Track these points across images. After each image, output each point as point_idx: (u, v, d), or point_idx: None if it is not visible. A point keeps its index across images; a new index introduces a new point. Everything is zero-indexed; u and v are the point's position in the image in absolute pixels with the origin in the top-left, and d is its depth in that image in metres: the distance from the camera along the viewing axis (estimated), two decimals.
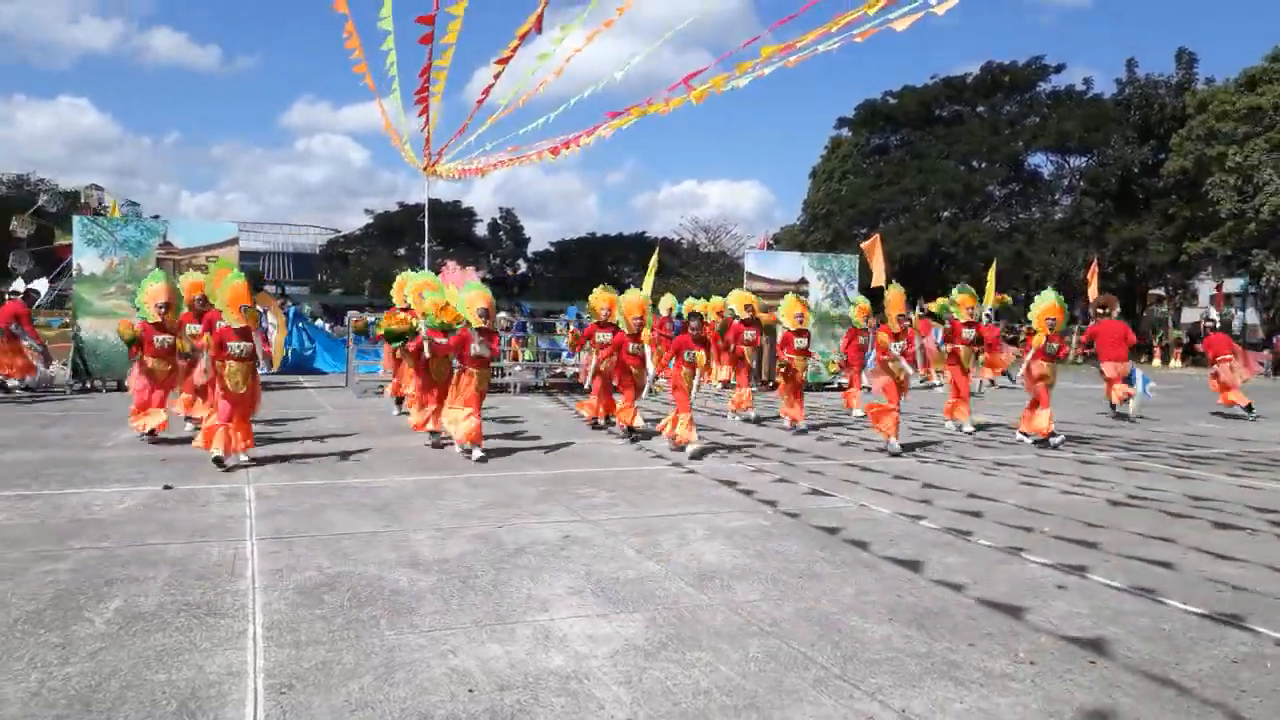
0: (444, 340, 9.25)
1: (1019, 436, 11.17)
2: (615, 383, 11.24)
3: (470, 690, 3.47)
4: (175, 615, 4.25)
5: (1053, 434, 10.74)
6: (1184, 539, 6.15)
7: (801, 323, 12.03)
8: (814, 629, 4.24)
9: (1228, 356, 14.95)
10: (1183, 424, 13.98)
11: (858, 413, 13.47)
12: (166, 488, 7.29)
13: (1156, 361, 37.71)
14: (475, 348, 9.04)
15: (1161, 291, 48.46)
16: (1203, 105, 36.99)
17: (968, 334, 12.48)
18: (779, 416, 12.46)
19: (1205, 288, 52.21)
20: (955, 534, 6.21)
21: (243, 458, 8.40)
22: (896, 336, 10.27)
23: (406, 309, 11.08)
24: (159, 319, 9.71)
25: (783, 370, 12.02)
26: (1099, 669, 3.80)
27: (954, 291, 13.14)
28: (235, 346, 8.26)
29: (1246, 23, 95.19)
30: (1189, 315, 50.52)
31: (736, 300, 14.80)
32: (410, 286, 11.01)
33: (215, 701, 3.34)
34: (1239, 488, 8.29)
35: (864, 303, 13.95)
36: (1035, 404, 10.96)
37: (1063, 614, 4.51)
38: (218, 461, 8.14)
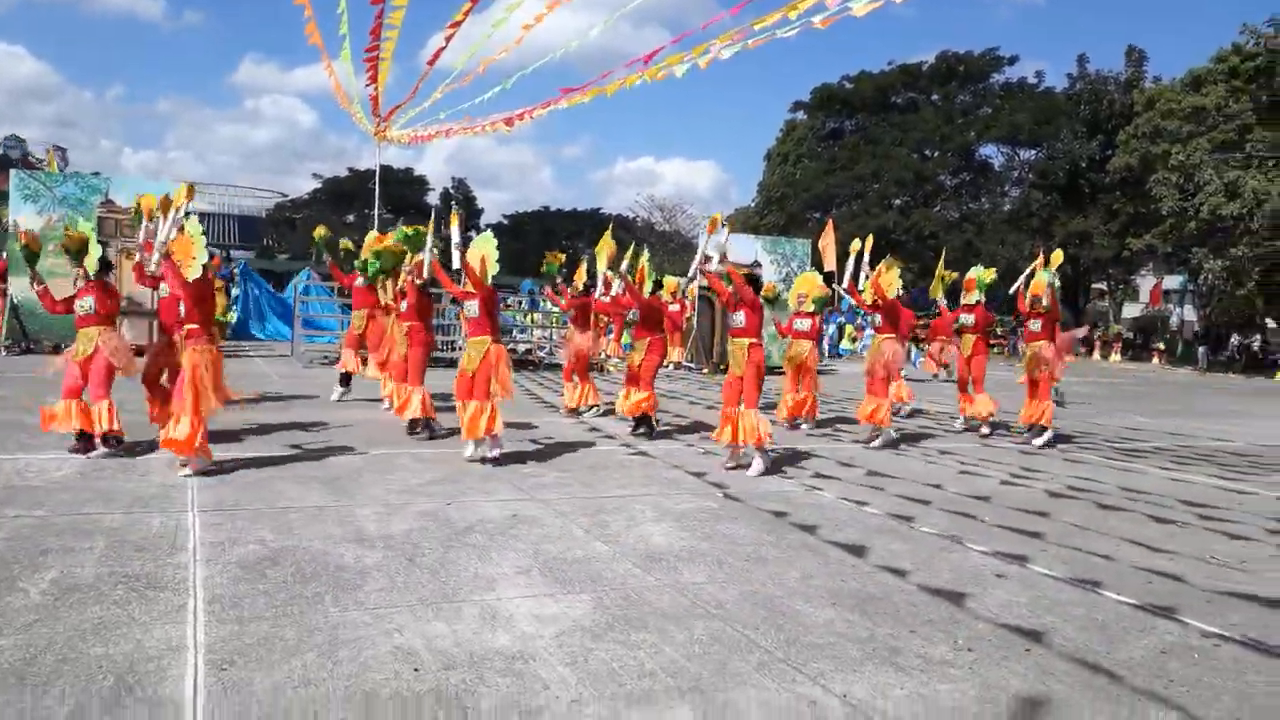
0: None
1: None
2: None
3: (415, 669, 3.45)
4: (113, 587, 4.17)
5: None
6: (1118, 530, 6.32)
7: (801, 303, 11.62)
8: (759, 612, 4.29)
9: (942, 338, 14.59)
10: (1121, 417, 14.35)
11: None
12: (106, 452, 7.11)
13: (1097, 355, 38.64)
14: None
15: (1104, 286, 49.54)
16: (1150, 103, 37.72)
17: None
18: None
19: (1146, 283, 53.51)
20: (899, 520, 6.32)
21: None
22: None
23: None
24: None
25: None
26: (1035, 657, 3.89)
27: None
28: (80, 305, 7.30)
29: (1194, 23, 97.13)
30: (1130, 310, 51.75)
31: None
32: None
33: (154, 676, 3.28)
34: (1171, 481, 8.53)
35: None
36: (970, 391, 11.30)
37: (1002, 602, 4.61)
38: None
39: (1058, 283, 10.86)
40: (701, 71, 9.86)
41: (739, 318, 7.88)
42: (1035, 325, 10.48)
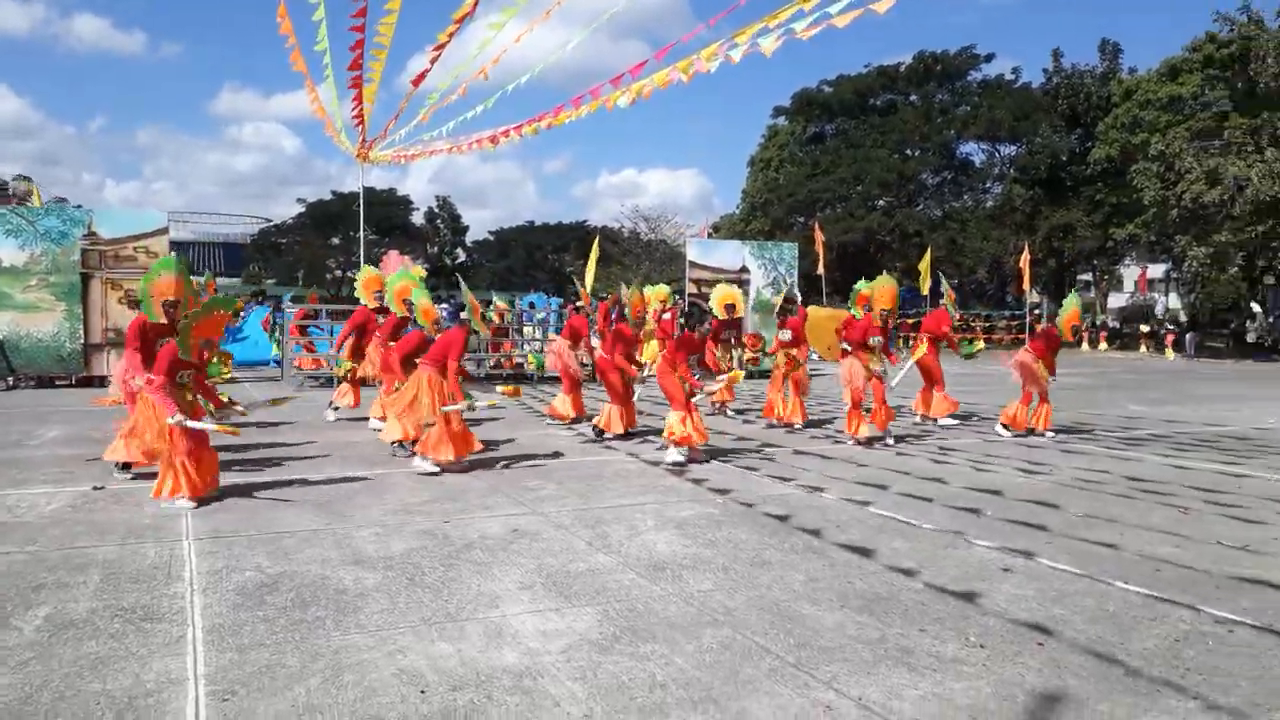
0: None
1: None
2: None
3: (422, 691, 3.39)
4: (109, 621, 4.09)
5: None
6: (1123, 519, 6.29)
7: (732, 313, 11.85)
8: (767, 617, 4.24)
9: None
10: (1116, 406, 14.36)
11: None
12: (96, 488, 7.03)
13: (1085, 346, 38.74)
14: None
15: (1089, 277, 49.79)
16: (1128, 94, 38.01)
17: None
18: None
19: (1131, 273, 53.83)
20: (902, 519, 6.27)
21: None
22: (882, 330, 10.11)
23: (381, 309, 10.59)
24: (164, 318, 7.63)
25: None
26: (1047, 650, 3.85)
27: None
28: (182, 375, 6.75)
29: (1166, 14, 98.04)
30: (1116, 300, 52.00)
31: (718, 300, 12.67)
32: (390, 293, 9.90)
33: (154, 711, 3.21)
34: (1171, 468, 8.52)
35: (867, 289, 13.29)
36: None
37: (1010, 597, 4.57)
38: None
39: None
40: (684, 84, 9.82)
41: None
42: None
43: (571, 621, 4.17)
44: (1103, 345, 39.00)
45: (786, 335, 11.58)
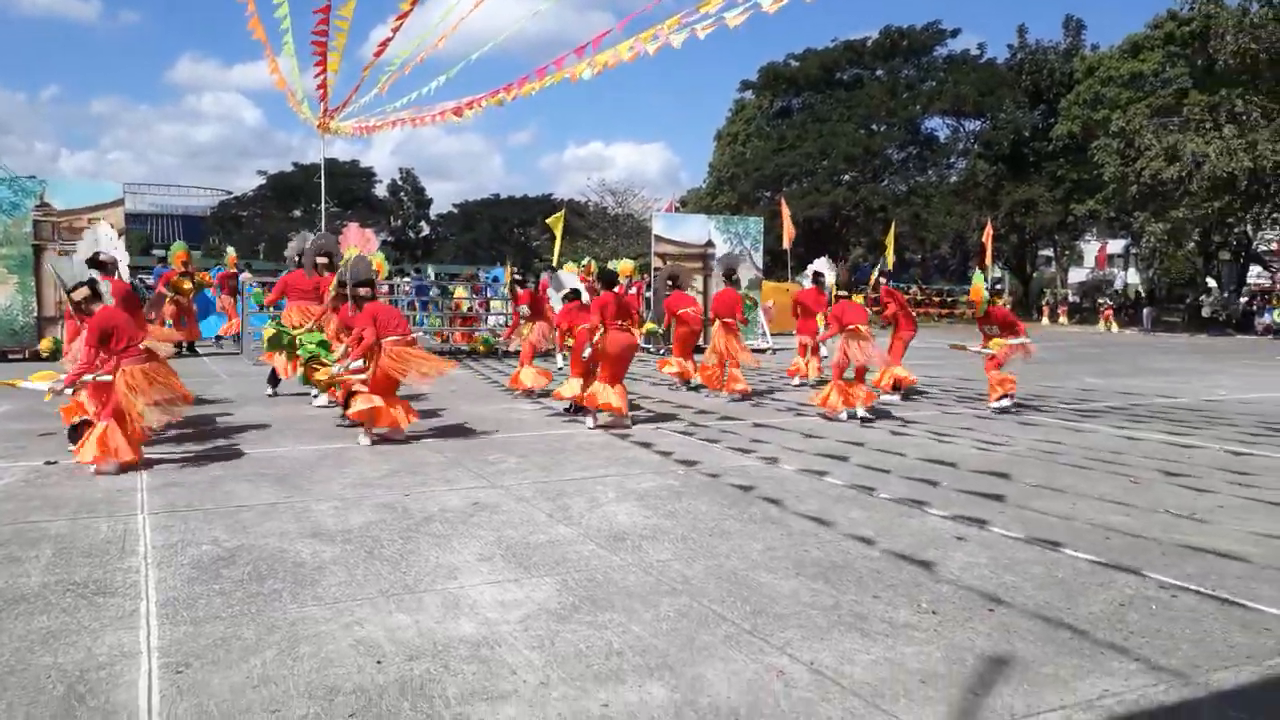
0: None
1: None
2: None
3: (378, 661, 3.39)
4: (61, 595, 4.04)
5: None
6: (1075, 489, 6.41)
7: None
8: (724, 586, 4.28)
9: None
10: (1074, 379, 14.58)
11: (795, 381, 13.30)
12: (49, 463, 6.92)
13: (1045, 320, 39.28)
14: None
15: (1050, 252, 50.37)
16: (1090, 71, 38.34)
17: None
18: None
19: (1091, 248, 54.53)
20: (860, 489, 6.35)
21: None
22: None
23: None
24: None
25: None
26: (998, 616, 3.93)
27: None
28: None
29: None
30: (1076, 275, 52.66)
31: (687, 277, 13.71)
32: None
33: (106, 684, 3.18)
34: (1124, 439, 8.68)
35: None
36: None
37: (963, 564, 4.65)
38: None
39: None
40: (649, 56, 9.73)
41: None
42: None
43: (530, 592, 4.18)
44: (1062, 319, 39.56)
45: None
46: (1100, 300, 41.47)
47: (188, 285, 16.52)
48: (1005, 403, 10.38)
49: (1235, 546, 4.99)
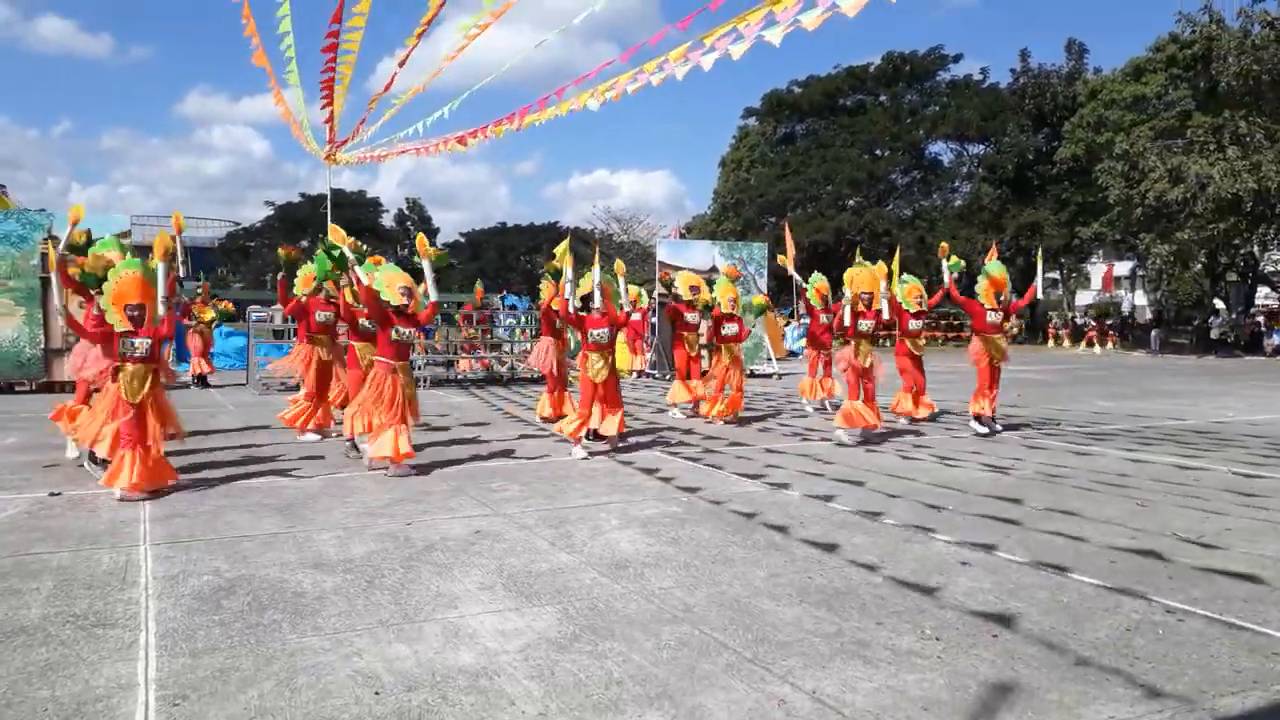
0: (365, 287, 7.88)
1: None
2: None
3: (376, 692, 3.37)
4: (60, 627, 4.03)
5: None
6: (1082, 512, 6.36)
7: (733, 307, 11.87)
8: (726, 614, 4.25)
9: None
10: (1082, 402, 14.52)
11: (810, 404, 13.14)
12: (53, 494, 6.93)
13: (1051, 343, 39.18)
14: (398, 332, 7.86)
15: (1057, 275, 50.31)
16: (1093, 94, 38.49)
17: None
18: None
19: (1097, 270, 54.50)
20: (865, 515, 6.31)
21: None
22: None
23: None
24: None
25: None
26: (1002, 642, 3.89)
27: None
28: (132, 344, 6.92)
29: (1130, 15, 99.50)
30: (1083, 297, 52.56)
31: (683, 281, 13.09)
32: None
33: (103, 716, 3.17)
34: (1131, 462, 8.62)
35: (821, 282, 12.98)
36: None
37: (967, 590, 4.61)
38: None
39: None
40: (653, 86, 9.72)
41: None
42: (995, 317, 10.56)
43: (530, 621, 4.16)
44: (1065, 343, 39.43)
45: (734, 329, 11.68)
46: (1076, 319, 41.35)
47: (210, 315, 16.69)
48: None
49: (1244, 569, 4.94)
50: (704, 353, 12.93)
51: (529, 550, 5.39)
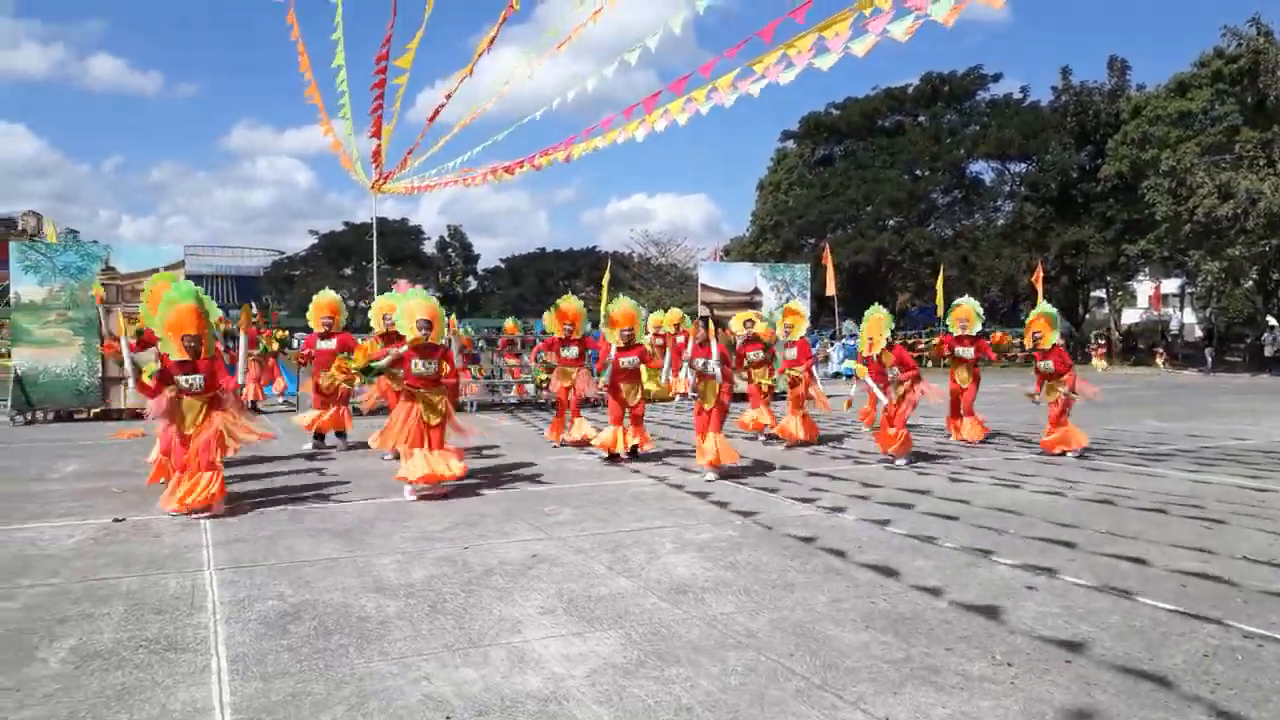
0: (382, 361, 8.26)
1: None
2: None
3: (447, 717, 3.38)
4: (134, 652, 4.10)
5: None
6: (1146, 535, 6.24)
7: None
8: (791, 639, 4.21)
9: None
10: (1136, 423, 14.26)
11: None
12: (117, 520, 7.05)
13: (1096, 361, 38.52)
14: (418, 365, 8.10)
15: (1103, 293, 49.57)
16: (1137, 110, 37.96)
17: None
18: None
19: (1144, 288, 53.61)
20: (923, 539, 6.24)
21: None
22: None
23: (390, 333, 10.18)
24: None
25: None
26: (1075, 667, 3.81)
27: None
28: (185, 380, 7.26)
29: (1173, 30, 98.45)
30: (1130, 316, 51.72)
31: (737, 321, 12.50)
32: (384, 309, 10.65)
33: None
34: (1193, 483, 8.44)
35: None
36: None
37: (1035, 614, 4.53)
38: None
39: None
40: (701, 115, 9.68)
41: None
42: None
43: (594, 645, 4.15)
44: (1099, 362, 38.67)
45: (793, 354, 11.69)
46: (1097, 338, 40.60)
47: (275, 346, 17.02)
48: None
49: None
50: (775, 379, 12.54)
51: (587, 574, 5.39)
